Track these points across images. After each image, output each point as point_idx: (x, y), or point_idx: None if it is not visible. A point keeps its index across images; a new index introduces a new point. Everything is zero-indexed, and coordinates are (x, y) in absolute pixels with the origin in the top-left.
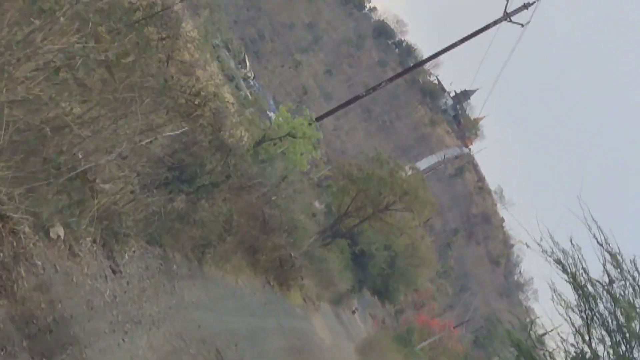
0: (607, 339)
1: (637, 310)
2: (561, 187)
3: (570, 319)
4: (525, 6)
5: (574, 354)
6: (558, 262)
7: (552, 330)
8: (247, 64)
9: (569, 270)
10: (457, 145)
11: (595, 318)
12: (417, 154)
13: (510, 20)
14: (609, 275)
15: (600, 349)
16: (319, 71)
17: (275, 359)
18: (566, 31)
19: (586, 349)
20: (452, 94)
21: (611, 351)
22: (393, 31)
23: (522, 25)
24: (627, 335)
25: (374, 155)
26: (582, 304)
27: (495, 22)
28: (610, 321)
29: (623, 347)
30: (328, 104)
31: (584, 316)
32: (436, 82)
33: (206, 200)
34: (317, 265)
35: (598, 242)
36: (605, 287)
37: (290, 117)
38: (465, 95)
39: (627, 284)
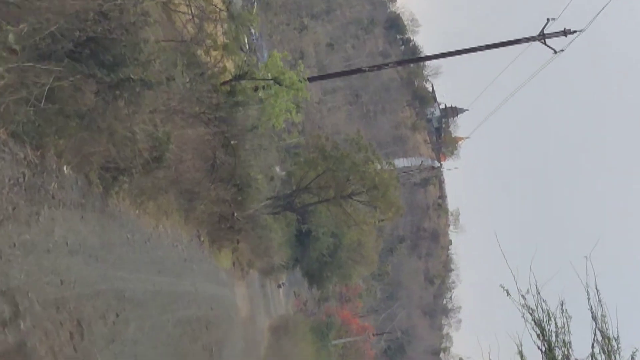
0: None
1: None
2: (523, 237)
3: None
4: (565, 33)
5: None
6: (538, 324)
7: None
8: (255, 9)
9: (547, 338)
10: (431, 156)
11: None
12: (390, 152)
13: (544, 42)
14: None
15: None
16: (322, 42)
17: (170, 336)
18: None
19: None
20: (442, 107)
21: None
22: (405, 27)
23: (555, 52)
24: None
25: (355, 138)
26: None
27: (527, 39)
28: None
29: None
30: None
31: None
32: (430, 89)
33: (126, 103)
34: (258, 232)
35: (593, 316)
36: None
37: (282, 66)
38: (454, 111)
39: None
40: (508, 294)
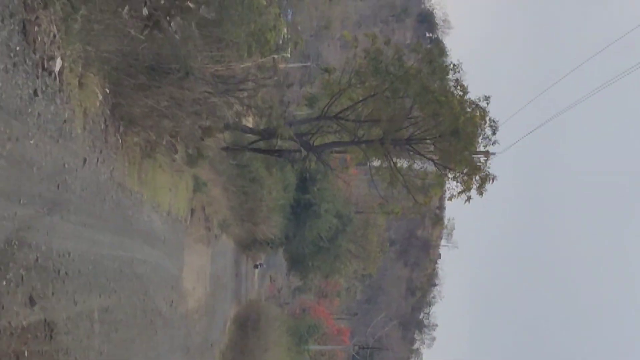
0: None
1: None
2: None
3: None
4: None
5: None
6: None
7: None
8: None
9: None
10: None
11: None
12: None
13: None
14: None
15: None
16: (351, 19)
17: None
18: None
19: None
20: None
21: None
22: (436, 25)
23: None
24: None
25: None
26: None
27: None
28: None
29: None
30: (342, 50)
31: None
32: None
33: None
34: (244, 175)
35: None
36: None
37: None
38: None
39: None
40: None
